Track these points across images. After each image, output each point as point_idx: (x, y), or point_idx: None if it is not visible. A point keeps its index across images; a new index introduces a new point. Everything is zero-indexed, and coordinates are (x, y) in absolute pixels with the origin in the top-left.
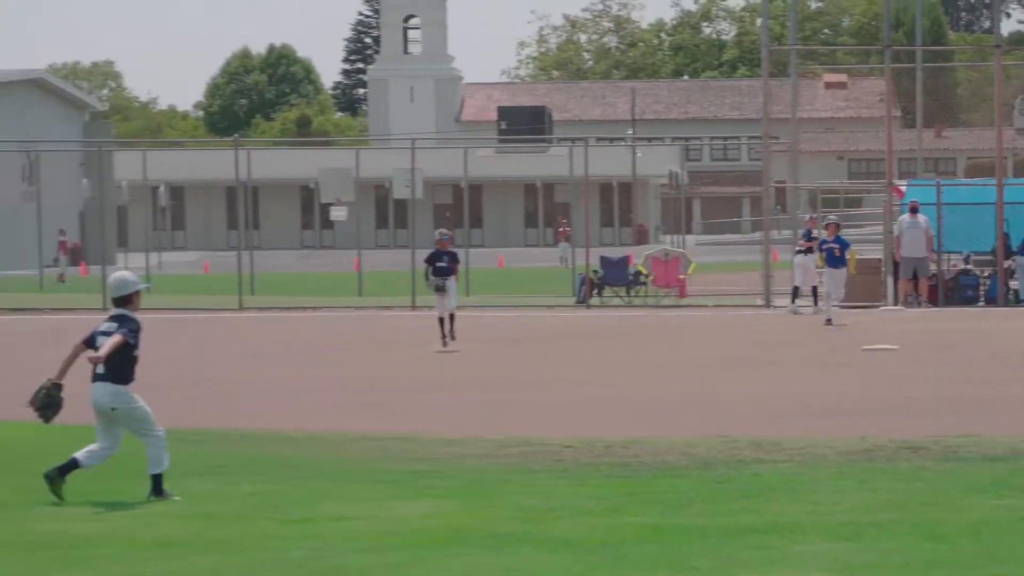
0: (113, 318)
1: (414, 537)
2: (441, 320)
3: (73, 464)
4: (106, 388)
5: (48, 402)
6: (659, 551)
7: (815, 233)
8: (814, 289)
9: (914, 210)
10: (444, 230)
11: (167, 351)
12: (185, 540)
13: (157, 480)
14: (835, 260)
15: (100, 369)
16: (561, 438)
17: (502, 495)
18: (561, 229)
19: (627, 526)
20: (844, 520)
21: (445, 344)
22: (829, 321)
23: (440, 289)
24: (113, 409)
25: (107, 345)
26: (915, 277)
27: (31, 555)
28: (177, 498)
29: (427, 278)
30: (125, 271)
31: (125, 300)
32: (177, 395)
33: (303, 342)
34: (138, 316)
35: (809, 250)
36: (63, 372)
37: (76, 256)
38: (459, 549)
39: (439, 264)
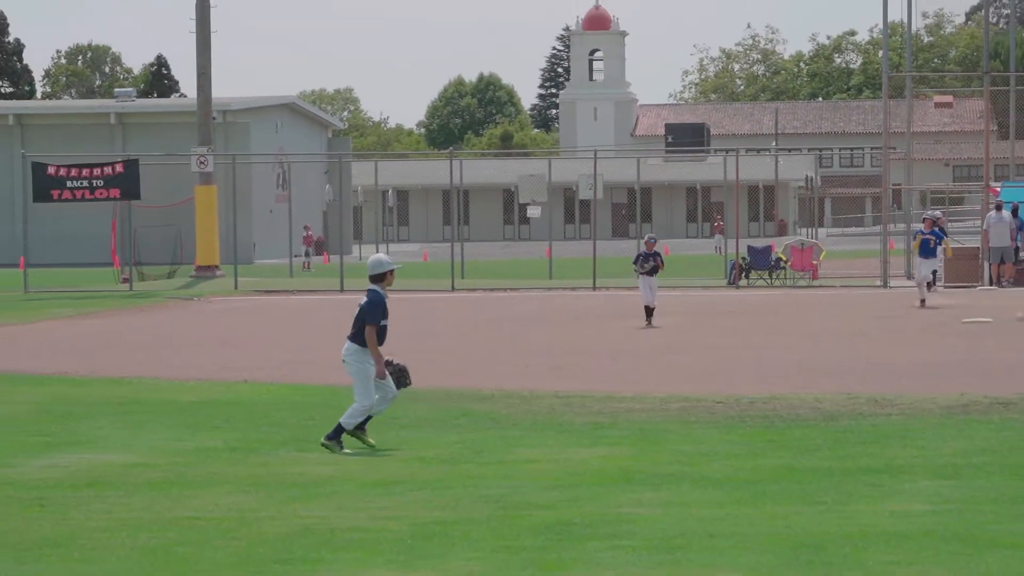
0: (367, 292)
1: (591, 477)
2: (647, 307)
3: (365, 420)
4: (348, 345)
5: (398, 376)
6: (792, 488)
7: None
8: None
9: (999, 207)
10: (652, 234)
11: (395, 323)
12: (403, 479)
13: (337, 428)
14: (928, 251)
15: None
16: (713, 395)
17: (664, 442)
18: (716, 224)
19: (766, 467)
20: (945, 462)
21: (649, 324)
22: (923, 303)
23: (649, 278)
24: (344, 361)
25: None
26: (1003, 262)
27: (279, 491)
28: (348, 452)
29: (638, 269)
30: (381, 254)
31: (379, 278)
32: (395, 359)
33: (503, 317)
34: (383, 291)
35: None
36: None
37: (320, 248)
38: (628, 486)
39: (646, 264)
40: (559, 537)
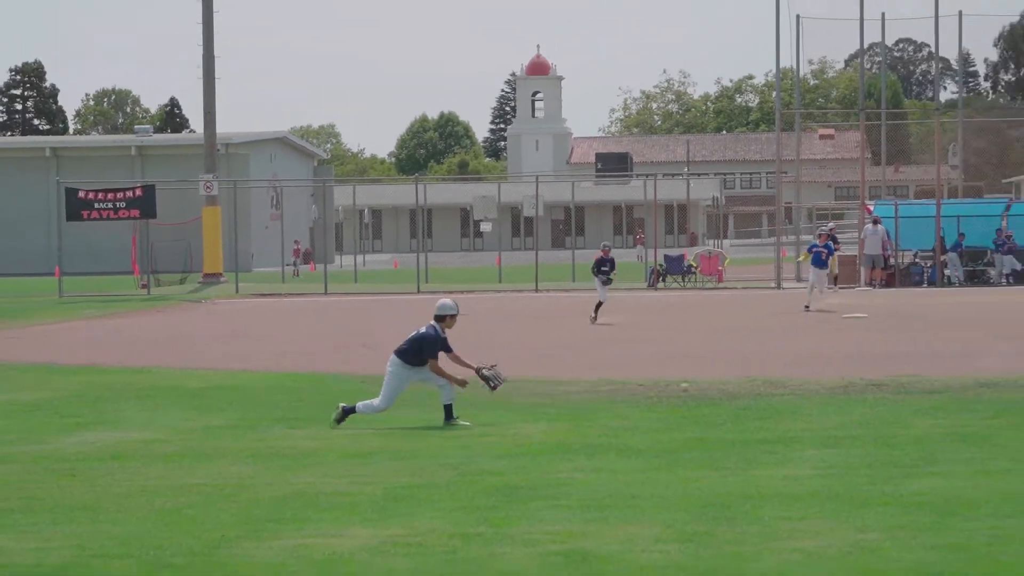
0: (429, 326)
1: (534, 448)
2: (599, 303)
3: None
4: (394, 358)
5: (488, 377)
6: (701, 456)
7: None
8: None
9: (875, 222)
10: (607, 243)
11: (368, 321)
12: (377, 451)
13: (348, 410)
14: (820, 262)
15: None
16: (636, 379)
17: (595, 418)
18: (638, 236)
19: (679, 439)
20: (828, 434)
21: (595, 320)
22: (807, 308)
23: (605, 283)
24: (389, 367)
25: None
26: (874, 267)
27: (272, 462)
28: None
29: (595, 275)
30: (449, 300)
31: (440, 319)
32: (373, 350)
33: (462, 314)
34: (441, 330)
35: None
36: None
37: (307, 258)
38: (565, 455)
39: (603, 268)
40: (507, 498)
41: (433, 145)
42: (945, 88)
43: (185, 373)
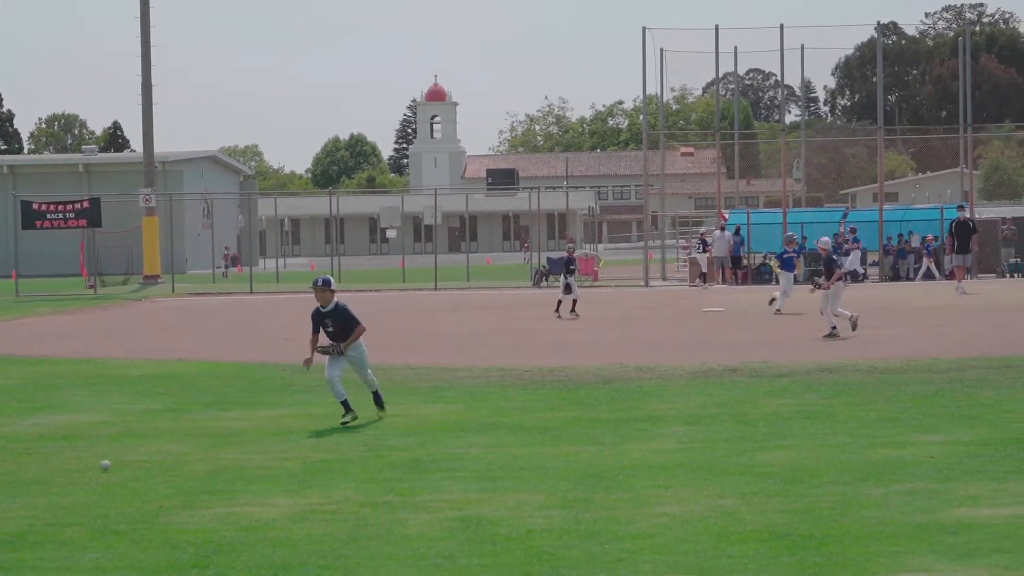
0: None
1: (433, 426)
2: (560, 301)
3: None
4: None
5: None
6: (579, 433)
7: (709, 241)
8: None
9: (722, 228)
10: (572, 244)
11: (288, 317)
12: (297, 430)
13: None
14: (789, 265)
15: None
16: (522, 366)
17: (487, 400)
18: (525, 245)
19: (560, 418)
20: (691, 413)
21: (559, 315)
22: (775, 307)
23: (568, 287)
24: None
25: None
26: (723, 267)
27: (205, 440)
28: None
29: (563, 271)
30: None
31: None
32: (292, 342)
33: (369, 310)
34: (323, 308)
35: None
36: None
37: (235, 261)
38: (460, 433)
39: (571, 267)
40: (411, 471)
41: (345, 162)
42: (790, 112)
43: (127, 363)
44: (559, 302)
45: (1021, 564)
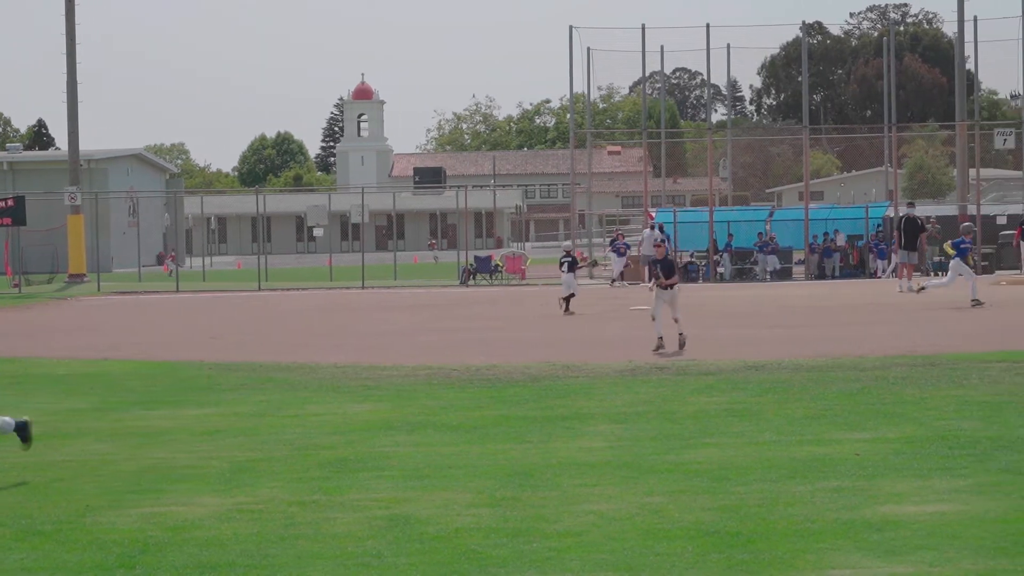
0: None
1: (361, 425)
2: (562, 298)
3: None
4: None
5: None
6: (507, 431)
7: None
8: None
9: (651, 227)
10: (568, 243)
11: (218, 315)
12: (224, 429)
13: None
14: (963, 253)
15: None
16: (450, 364)
17: (415, 399)
18: (430, 243)
19: (488, 416)
20: (618, 411)
21: (566, 311)
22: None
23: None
24: None
25: None
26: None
27: (131, 440)
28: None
29: (563, 268)
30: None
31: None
32: (219, 341)
33: (296, 308)
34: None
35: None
36: None
37: (160, 260)
38: (388, 432)
39: (566, 262)
40: (338, 470)
41: (271, 161)
42: (716, 111)
43: (53, 362)
44: (561, 299)
45: (946, 560)
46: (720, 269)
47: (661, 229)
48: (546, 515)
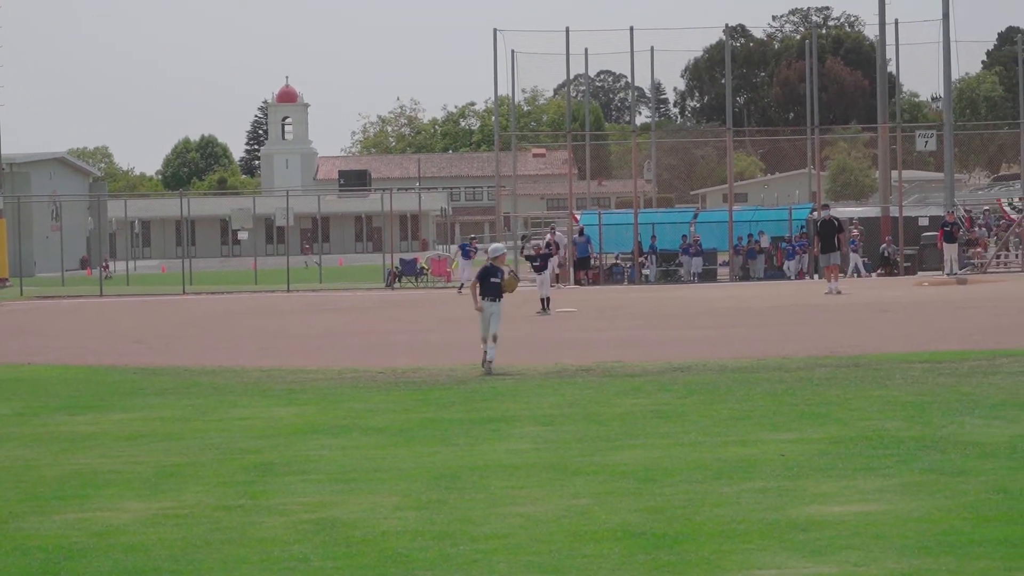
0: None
1: (287, 429)
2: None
3: None
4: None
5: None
6: (434, 433)
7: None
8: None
9: (580, 232)
10: (536, 243)
11: (142, 319)
12: (148, 433)
13: None
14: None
15: None
16: (376, 367)
17: (340, 402)
18: (305, 247)
19: (415, 419)
20: (544, 413)
21: (543, 311)
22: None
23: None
24: None
25: None
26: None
27: (55, 445)
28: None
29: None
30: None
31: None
32: (144, 345)
33: (221, 312)
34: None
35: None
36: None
37: (84, 264)
38: (314, 435)
39: (534, 264)
40: (264, 474)
41: (195, 164)
42: (640, 113)
43: None
44: (542, 301)
45: (871, 560)
46: (645, 271)
47: (581, 232)
48: (472, 517)
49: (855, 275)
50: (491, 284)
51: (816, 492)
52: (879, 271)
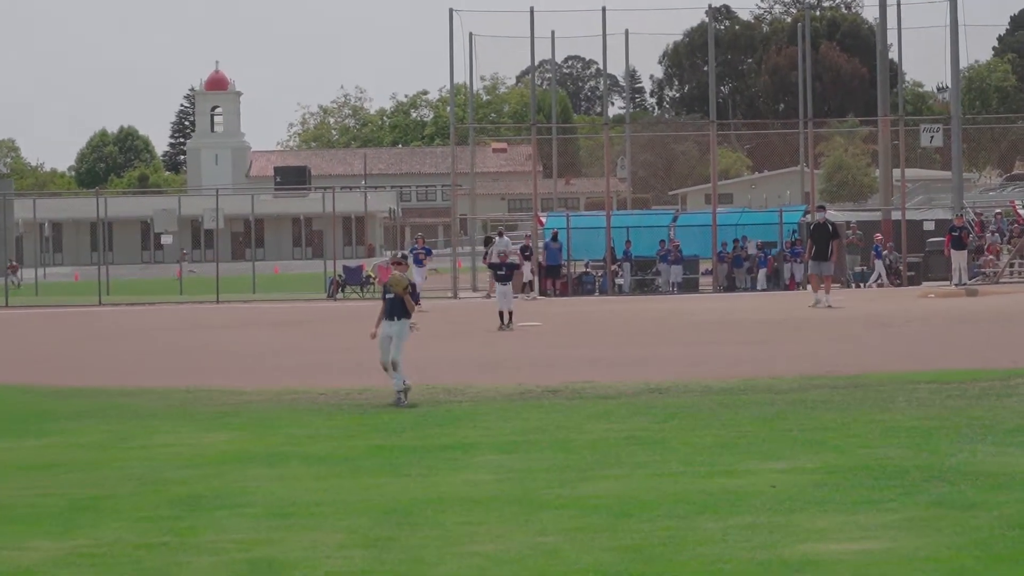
0: None
1: (217, 457)
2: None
3: None
4: None
5: None
6: (383, 463)
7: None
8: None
9: (555, 237)
10: (503, 250)
11: (54, 333)
12: (61, 462)
13: None
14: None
15: None
16: (317, 388)
17: (277, 427)
18: (183, 252)
19: (361, 446)
20: (506, 439)
21: (504, 326)
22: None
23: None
24: None
25: None
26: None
27: None
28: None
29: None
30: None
31: None
32: (53, 363)
33: (141, 326)
34: None
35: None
36: None
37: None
38: (248, 464)
39: (499, 272)
40: (191, 508)
41: (113, 159)
42: (613, 104)
43: None
44: (500, 315)
45: None
46: (619, 280)
47: (555, 238)
48: (426, 557)
49: (876, 283)
50: (389, 301)
51: (811, 528)
52: (878, 280)
